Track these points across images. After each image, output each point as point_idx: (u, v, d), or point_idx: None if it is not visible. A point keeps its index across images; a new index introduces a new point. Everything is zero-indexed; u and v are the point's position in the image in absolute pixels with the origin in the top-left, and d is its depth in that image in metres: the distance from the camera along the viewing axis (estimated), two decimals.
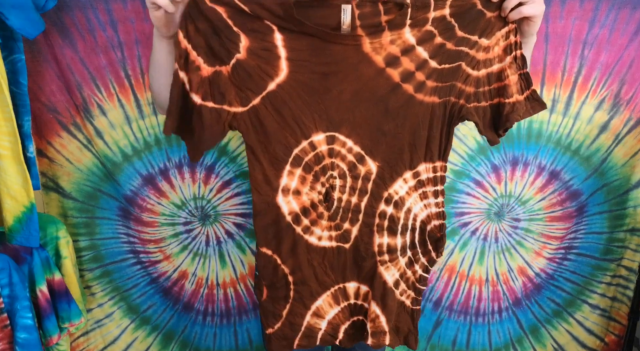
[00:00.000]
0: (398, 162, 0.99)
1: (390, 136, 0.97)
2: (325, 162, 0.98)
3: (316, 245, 1.03)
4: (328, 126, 0.96)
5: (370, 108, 0.95)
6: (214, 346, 1.68)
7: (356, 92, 0.94)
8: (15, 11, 1.08)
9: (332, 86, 0.94)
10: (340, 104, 0.95)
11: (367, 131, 0.97)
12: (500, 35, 0.94)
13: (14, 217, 1.19)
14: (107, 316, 1.57)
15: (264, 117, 0.95)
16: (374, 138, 0.97)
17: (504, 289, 1.65)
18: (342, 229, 1.02)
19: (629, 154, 1.49)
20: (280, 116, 0.95)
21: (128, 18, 1.29)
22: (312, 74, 0.93)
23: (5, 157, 1.15)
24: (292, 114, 0.95)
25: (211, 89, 0.94)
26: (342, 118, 0.96)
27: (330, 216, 1.01)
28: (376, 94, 0.94)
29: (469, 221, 1.56)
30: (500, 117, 0.98)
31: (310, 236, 1.02)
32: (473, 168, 1.50)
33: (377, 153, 0.98)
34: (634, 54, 1.37)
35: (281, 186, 0.99)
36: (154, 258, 1.55)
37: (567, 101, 1.42)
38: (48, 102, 1.34)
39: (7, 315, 1.21)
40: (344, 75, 0.93)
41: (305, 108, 0.95)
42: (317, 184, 1.00)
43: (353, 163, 0.98)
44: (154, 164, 1.46)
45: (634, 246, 1.57)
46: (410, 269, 1.06)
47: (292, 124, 0.95)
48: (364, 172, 0.99)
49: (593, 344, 1.69)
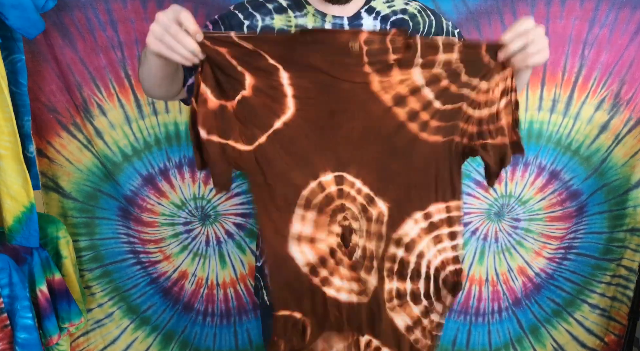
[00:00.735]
0: (407, 203, 0.97)
1: (398, 175, 0.95)
2: (336, 203, 0.95)
3: (335, 298, 0.98)
4: (336, 165, 0.93)
5: (378, 148, 0.93)
6: (214, 346, 1.68)
7: (364, 131, 0.92)
8: (15, 11, 1.08)
9: (340, 124, 0.91)
10: (348, 143, 0.93)
11: (375, 170, 0.94)
12: (500, 78, 0.92)
13: (14, 217, 1.19)
14: (107, 316, 1.57)
15: (271, 157, 0.92)
16: (383, 178, 0.95)
17: (504, 289, 1.65)
18: (361, 280, 0.98)
19: (629, 154, 1.49)
20: (287, 154, 0.92)
21: (128, 18, 1.28)
22: (320, 112, 0.91)
23: (5, 157, 1.15)
24: (300, 153, 0.92)
25: (217, 123, 0.90)
26: (350, 157, 0.93)
27: (351, 265, 0.97)
28: (383, 134, 0.93)
29: (469, 221, 1.57)
30: (495, 160, 0.96)
31: (329, 288, 0.98)
32: (473, 168, 1.50)
33: (386, 193, 0.96)
34: (634, 54, 1.37)
35: (292, 233, 0.95)
36: (154, 258, 1.55)
37: (567, 101, 1.42)
38: (48, 102, 1.34)
39: (7, 315, 1.21)
40: (351, 113, 0.91)
41: (312, 147, 0.92)
42: (334, 226, 0.96)
43: (364, 205, 0.95)
44: (154, 164, 1.46)
45: (634, 246, 1.57)
46: (427, 319, 1.02)
47: (300, 163, 0.92)
48: (375, 214, 0.96)
49: (593, 344, 1.69)
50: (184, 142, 1.44)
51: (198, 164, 0.92)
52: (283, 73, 0.89)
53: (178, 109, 1.40)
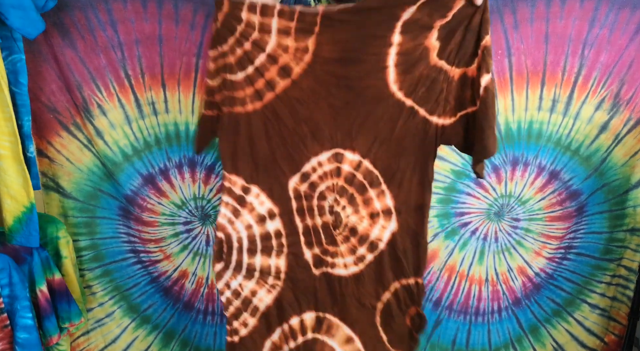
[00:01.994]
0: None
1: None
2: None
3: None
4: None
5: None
6: (214, 345, 1.68)
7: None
8: (15, 11, 1.08)
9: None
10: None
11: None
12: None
13: (14, 217, 1.20)
14: (108, 315, 1.58)
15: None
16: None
17: (504, 289, 1.65)
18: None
19: (628, 154, 1.49)
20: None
21: (128, 18, 1.29)
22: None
23: (5, 157, 1.15)
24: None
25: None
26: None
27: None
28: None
29: (469, 221, 1.56)
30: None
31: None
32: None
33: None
34: (634, 54, 1.37)
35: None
36: (154, 257, 1.56)
37: (567, 101, 1.42)
38: (48, 102, 1.34)
39: (7, 315, 1.22)
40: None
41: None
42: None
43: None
44: (154, 164, 1.46)
45: (634, 246, 1.57)
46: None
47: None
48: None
49: (593, 344, 1.69)
50: (184, 142, 1.44)
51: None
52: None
53: (178, 109, 1.40)
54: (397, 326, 1.05)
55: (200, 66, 1.37)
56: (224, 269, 1.02)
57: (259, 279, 1.02)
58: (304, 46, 0.88)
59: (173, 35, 1.32)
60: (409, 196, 0.97)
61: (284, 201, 0.98)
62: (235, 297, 1.03)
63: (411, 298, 1.04)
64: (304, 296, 1.02)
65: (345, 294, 1.03)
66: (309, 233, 0.99)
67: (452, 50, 0.88)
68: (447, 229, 1.57)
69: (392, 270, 1.01)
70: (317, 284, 1.02)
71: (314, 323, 1.03)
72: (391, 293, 1.03)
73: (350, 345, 1.06)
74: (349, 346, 1.06)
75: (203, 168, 1.48)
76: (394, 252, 1.00)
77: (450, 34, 0.86)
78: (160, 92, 1.38)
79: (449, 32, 0.86)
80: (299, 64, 0.89)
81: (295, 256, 1.00)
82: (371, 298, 1.04)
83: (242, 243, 1.00)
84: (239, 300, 1.03)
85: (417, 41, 0.87)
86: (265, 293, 1.03)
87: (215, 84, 0.93)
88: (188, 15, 1.31)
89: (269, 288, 1.02)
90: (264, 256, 1.01)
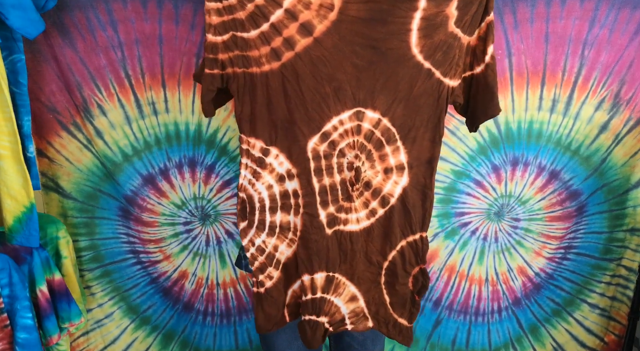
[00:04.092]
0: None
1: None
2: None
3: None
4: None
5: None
6: (214, 346, 1.68)
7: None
8: (15, 11, 1.08)
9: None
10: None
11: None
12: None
13: (14, 217, 1.19)
14: (107, 316, 1.58)
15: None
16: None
17: (504, 289, 1.65)
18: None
19: (628, 154, 1.49)
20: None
21: (128, 18, 1.28)
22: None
23: (5, 157, 1.15)
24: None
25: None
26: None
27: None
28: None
29: (469, 221, 1.57)
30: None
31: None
32: (473, 168, 1.50)
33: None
34: (634, 54, 1.37)
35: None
36: (154, 258, 1.55)
37: (567, 101, 1.42)
38: (48, 102, 1.34)
39: (7, 315, 1.21)
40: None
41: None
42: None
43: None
44: (154, 164, 1.46)
45: (634, 246, 1.57)
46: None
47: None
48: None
49: (593, 343, 1.69)
50: (184, 142, 1.44)
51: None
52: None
53: (178, 109, 1.40)
54: (399, 286, 1.09)
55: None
56: (247, 227, 1.04)
57: (279, 235, 1.06)
58: (329, 3, 0.87)
59: (173, 35, 1.32)
60: (420, 151, 1.01)
61: (301, 162, 0.99)
62: (260, 253, 1.06)
63: (416, 255, 1.07)
64: (316, 256, 1.05)
65: (355, 250, 1.06)
66: (325, 192, 1.01)
67: (467, 21, 0.91)
68: (447, 229, 1.57)
69: (400, 226, 1.05)
70: (329, 243, 1.05)
71: (323, 283, 1.07)
72: (397, 251, 1.05)
73: (354, 303, 1.10)
74: (353, 304, 1.10)
75: (203, 168, 1.48)
76: (404, 206, 1.04)
77: (468, 5, 0.91)
78: (161, 92, 1.38)
79: (467, 4, 0.90)
80: (322, 22, 0.88)
81: (310, 217, 1.02)
82: (378, 255, 1.07)
83: (263, 203, 1.03)
84: (263, 256, 1.07)
85: (440, 8, 0.90)
86: (286, 247, 1.07)
87: (220, 41, 0.90)
88: (188, 15, 1.31)
89: (289, 242, 1.06)
90: (284, 213, 1.04)
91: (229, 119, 1.42)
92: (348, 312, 1.11)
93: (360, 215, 1.03)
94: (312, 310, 1.09)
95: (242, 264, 1.21)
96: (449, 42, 0.93)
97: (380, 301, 1.11)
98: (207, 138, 1.44)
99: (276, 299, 1.09)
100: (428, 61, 0.93)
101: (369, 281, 1.09)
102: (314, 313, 1.09)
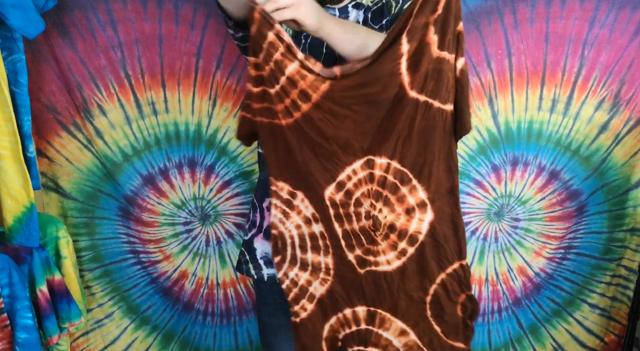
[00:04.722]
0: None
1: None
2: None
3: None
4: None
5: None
6: (214, 346, 1.68)
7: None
8: (15, 11, 1.08)
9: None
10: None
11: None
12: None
13: (14, 217, 1.19)
14: (107, 316, 1.57)
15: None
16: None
17: (504, 289, 1.65)
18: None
19: (628, 154, 1.49)
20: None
21: (128, 18, 1.29)
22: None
23: (5, 157, 1.15)
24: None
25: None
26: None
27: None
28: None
29: (469, 221, 1.56)
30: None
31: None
32: (473, 168, 1.50)
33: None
34: (634, 54, 1.37)
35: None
36: (154, 258, 1.55)
37: (567, 101, 1.42)
38: (48, 102, 1.34)
39: (7, 315, 1.21)
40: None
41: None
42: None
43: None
44: (154, 164, 1.46)
45: (634, 246, 1.57)
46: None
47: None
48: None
49: (593, 343, 1.69)
50: (184, 142, 1.44)
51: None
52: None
53: (178, 109, 1.40)
54: (448, 317, 1.08)
55: (200, 66, 1.37)
56: (281, 261, 1.07)
57: (312, 273, 1.07)
58: (320, 80, 0.93)
59: (173, 36, 1.32)
60: (439, 184, 1.00)
61: (322, 209, 1.02)
62: (294, 285, 1.08)
63: (459, 284, 1.06)
64: (353, 292, 1.07)
65: (393, 289, 1.06)
66: (348, 236, 1.03)
67: (450, 40, 0.90)
68: None
69: (435, 260, 1.04)
70: (364, 282, 1.06)
71: (366, 315, 1.08)
72: (438, 285, 1.05)
73: (405, 337, 1.10)
74: (404, 338, 1.10)
75: (203, 168, 1.48)
76: (435, 240, 1.03)
77: (445, 25, 0.89)
78: (160, 92, 1.38)
79: (444, 23, 0.89)
80: (315, 92, 0.92)
81: (339, 258, 1.04)
82: (418, 291, 1.06)
83: (294, 240, 1.05)
84: (297, 288, 1.08)
85: (419, 40, 0.89)
86: (319, 285, 1.08)
87: (255, 91, 0.96)
88: (188, 15, 1.31)
89: (322, 281, 1.07)
90: (314, 254, 1.06)
91: (229, 119, 1.43)
92: (401, 345, 1.10)
93: (389, 257, 1.03)
94: (358, 341, 1.10)
95: (243, 269, 1.21)
96: (438, 68, 0.91)
97: (432, 332, 1.09)
98: (207, 138, 1.44)
99: (311, 331, 1.10)
100: (423, 94, 0.92)
101: (415, 316, 1.09)
102: (362, 344, 1.10)
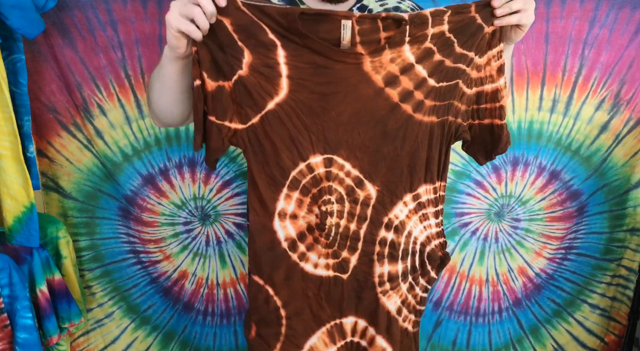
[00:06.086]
0: (398, 186, 0.96)
1: (390, 158, 0.95)
2: (323, 185, 0.95)
3: (312, 273, 0.99)
4: (326, 148, 0.93)
5: (369, 130, 0.93)
6: (214, 346, 1.68)
7: (355, 114, 0.92)
8: (15, 11, 1.08)
9: (331, 106, 0.91)
10: (338, 126, 0.92)
11: (366, 153, 0.94)
12: (492, 54, 0.92)
13: (14, 217, 1.19)
14: (107, 316, 1.58)
15: (262, 138, 0.93)
16: (373, 161, 0.95)
17: (504, 289, 1.65)
18: (340, 258, 0.99)
19: (629, 154, 1.49)
20: (278, 136, 0.92)
21: (128, 18, 1.29)
22: (312, 94, 0.91)
23: (5, 157, 1.15)
24: (290, 135, 0.92)
25: (213, 104, 0.92)
26: (340, 140, 0.93)
27: (327, 244, 0.98)
28: (375, 116, 0.92)
29: (469, 221, 1.56)
30: (496, 140, 0.97)
31: (306, 264, 0.98)
32: (474, 169, 1.50)
33: (377, 177, 0.95)
34: (634, 54, 1.37)
35: (278, 209, 0.95)
36: (154, 258, 1.55)
37: (567, 101, 1.42)
38: (48, 102, 1.34)
39: (7, 315, 1.21)
40: (343, 95, 0.91)
41: (303, 129, 0.92)
42: (315, 207, 0.96)
43: (351, 187, 0.96)
44: (154, 164, 1.46)
45: (634, 246, 1.57)
46: (411, 294, 1.03)
47: (289, 145, 0.93)
48: (362, 197, 0.96)
49: (593, 344, 1.69)
50: (184, 142, 1.44)
51: (197, 144, 0.93)
52: (280, 51, 0.89)
53: None
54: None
55: None
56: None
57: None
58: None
59: None
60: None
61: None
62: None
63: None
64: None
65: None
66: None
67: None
68: (448, 229, 1.57)
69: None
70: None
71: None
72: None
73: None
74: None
75: (203, 168, 1.48)
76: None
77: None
78: None
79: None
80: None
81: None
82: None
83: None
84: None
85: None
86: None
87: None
88: None
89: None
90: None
91: None
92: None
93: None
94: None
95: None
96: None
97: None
98: None
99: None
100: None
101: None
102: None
